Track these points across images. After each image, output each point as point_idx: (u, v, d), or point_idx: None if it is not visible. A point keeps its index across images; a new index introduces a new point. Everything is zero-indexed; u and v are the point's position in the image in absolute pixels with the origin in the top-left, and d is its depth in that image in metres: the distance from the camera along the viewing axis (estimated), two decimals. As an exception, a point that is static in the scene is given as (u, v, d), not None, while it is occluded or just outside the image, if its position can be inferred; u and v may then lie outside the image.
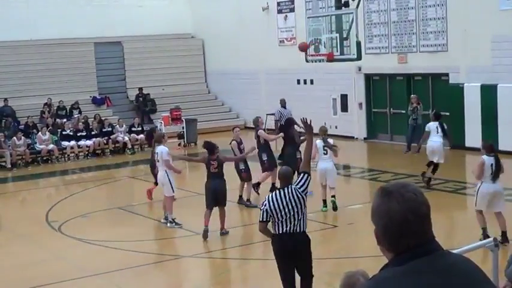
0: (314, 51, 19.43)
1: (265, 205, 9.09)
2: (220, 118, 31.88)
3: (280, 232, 9.07)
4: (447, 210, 14.71)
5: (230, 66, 32.51)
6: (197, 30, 34.97)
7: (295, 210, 9.02)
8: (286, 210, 9.00)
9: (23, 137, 25.27)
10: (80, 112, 29.51)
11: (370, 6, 25.66)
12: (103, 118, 28.28)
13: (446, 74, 23.50)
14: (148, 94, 31.64)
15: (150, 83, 32.34)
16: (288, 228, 9.03)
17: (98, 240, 14.36)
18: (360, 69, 26.11)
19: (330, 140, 15.88)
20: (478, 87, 22.16)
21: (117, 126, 27.39)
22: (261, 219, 9.18)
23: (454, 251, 3.37)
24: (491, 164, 12.40)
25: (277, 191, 9.17)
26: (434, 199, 12.06)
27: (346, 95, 27.34)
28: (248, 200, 16.74)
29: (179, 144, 27.53)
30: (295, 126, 18.30)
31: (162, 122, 28.07)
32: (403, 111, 24.48)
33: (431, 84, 24.52)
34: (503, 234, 12.31)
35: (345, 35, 18.58)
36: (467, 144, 22.26)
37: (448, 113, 23.36)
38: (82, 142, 26.40)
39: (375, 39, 25.72)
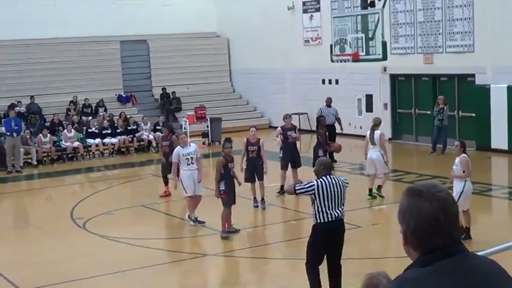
0: (339, 51, 19.40)
1: (313, 183, 9.56)
2: (244, 117, 31.82)
3: (326, 220, 9.54)
4: (472, 212, 14.55)
5: (255, 65, 32.50)
6: (222, 28, 35.01)
7: (339, 194, 9.56)
8: (332, 194, 9.49)
9: (48, 134, 25.44)
10: (105, 110, 29.67)
11: (396, 6, 25.52)
12: (128, 116, 28.39)
13: (473, 75, 23.30)
14: (174, 92, 31.72)
15: (175, 82, 32.41)
16: (331, 217, 9.51)
17: (122, 238, 14.43)
18: (385, 69, 25.98)
19: (377, 132, 16.51)
20: (504, 89, 21.96)
21: (142, 124, 27.50)
22: (298, 188, 9.71)
23: (479, 253, 3.34)
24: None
25: (324, 177, 9.62)
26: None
27: (371, 95, 27.22)
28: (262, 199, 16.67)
29: (203, 143, 27.56)
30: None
31: (187, 120, 28.13)
32: (428, 112, 24.32)
33: (457, 85, 24.33)
34: (468, 230, 12.73)
35: (370, 35, 18.53)
36: (493, 146, 22.09)
37: (474, 114, 23.21)
38: (107, 140, 26.54)
39: (400, 39, 25.58)
